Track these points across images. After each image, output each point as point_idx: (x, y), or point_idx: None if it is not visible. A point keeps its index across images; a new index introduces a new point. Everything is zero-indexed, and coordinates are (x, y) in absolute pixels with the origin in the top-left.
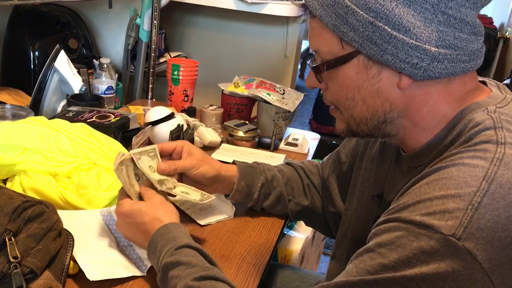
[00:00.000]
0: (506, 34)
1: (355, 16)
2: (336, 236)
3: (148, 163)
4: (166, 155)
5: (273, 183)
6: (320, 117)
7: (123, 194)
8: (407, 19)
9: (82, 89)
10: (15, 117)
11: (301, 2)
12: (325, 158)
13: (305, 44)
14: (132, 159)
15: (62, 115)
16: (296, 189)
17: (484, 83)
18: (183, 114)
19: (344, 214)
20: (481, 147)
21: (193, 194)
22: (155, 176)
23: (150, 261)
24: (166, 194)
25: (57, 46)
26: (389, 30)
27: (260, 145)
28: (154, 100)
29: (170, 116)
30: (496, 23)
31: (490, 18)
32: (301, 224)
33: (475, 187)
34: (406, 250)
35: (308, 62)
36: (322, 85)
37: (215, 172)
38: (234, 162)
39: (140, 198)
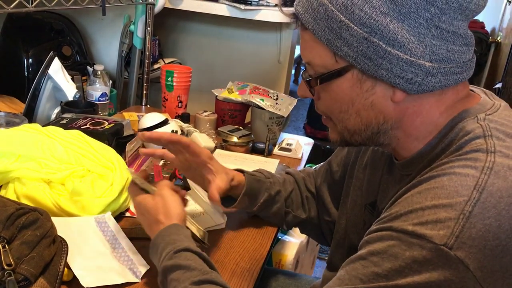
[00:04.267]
0: (498, 38)
1: (349, 31)
2: (331, 244)
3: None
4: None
5: (276, 198)
6: (314, 122)
7: (133, 185)
8: (401, 34)
9: (76, 96)
10: (9, 124)
11: (291, 11)
12: (318, 166)
13: (298, 50)
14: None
15: (56, 122)
16: (296, 202)
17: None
18: (177, 120)
19: (338, 223)
20: (471, 156)
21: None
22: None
23: (153, 262)
24: None
25: (51, 53)
26: (384, 45)
27: (254, 151)
28: (148, 106)
29: (164, 122)
30: (488, 28)
31: (482, 22)
32: (296, 229)
33: (466, 196)
34: (398, 259)
35: (301, 73)
36: (315, 96)
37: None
38: (243, 172)
39: None
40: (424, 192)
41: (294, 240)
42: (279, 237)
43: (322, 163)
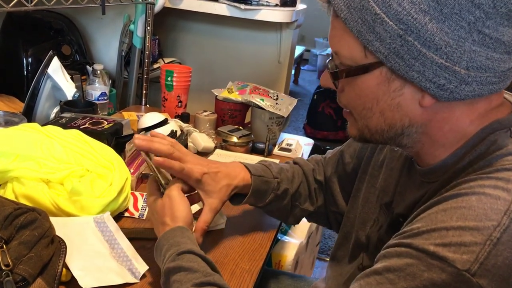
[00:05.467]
0: None
1: (384, 25)
2: (337, 237)
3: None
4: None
5: (282, 196)
6: (314, 122)
7: (153, 182)
8: (439, 36)
9: (76, 96)
10: (8, 123)
11: None
12: (328, 154)
13: (298, 50)
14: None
15: (55, 122)
16: (303, 195)
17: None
18: (176, 120)
19: (346, 217)
20: (503, 176)
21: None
22: (162, 178)
23: (157, 263)
24: None
25: (50, 52)
26: (419, 46)
27: (254, 151)
28: (147, 106)
29: (163, 122)
30: None
31: None
32: (295, 230)
33: (496, 221)
34: (415, 280)
35: (327, 61)
36: (338, 88)
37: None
38: (250, 171)
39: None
40: (450, 210)
41: (294, 241)
42: (279, 238)
43: (333, 151)
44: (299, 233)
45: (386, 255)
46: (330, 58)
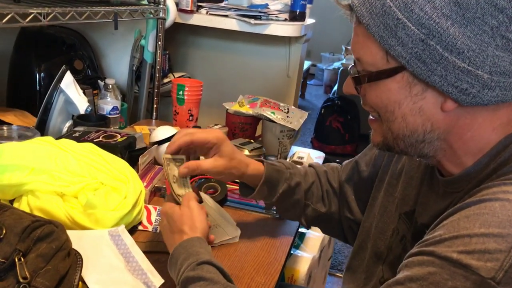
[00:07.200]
0: None
1: (406, 30)
2: (353, 246)
3: (174, 172)
4: (197, 146)
5: (295, 190)
6: (321, 136)
7: (170, 195)
8: (461, 40)
9: (88, 110)
10: (21, 137)
11: (347, 2)
12: (344, 162)
13: (305, 64)
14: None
15: (69, 135)
16: (316, 195)
17: None
18: None
19: (362, 226)
20: None
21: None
22: (175, 189)
23: (170, 272)
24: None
25: (63, 67)
26: (441, 50)
27: None
28: (158, 120)
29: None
30: None
31: None
32: (308, 244)
33: None
34: None
35: (349, 68)
36: (360, 93)
37: (239, 175)
38: (262, 162)
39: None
40: (473, 217)
41: (306, 255)
42: (292, 252)
43: (348, 160)
44: (312, 247)
45: (408, 264)
46: (353, 64)
